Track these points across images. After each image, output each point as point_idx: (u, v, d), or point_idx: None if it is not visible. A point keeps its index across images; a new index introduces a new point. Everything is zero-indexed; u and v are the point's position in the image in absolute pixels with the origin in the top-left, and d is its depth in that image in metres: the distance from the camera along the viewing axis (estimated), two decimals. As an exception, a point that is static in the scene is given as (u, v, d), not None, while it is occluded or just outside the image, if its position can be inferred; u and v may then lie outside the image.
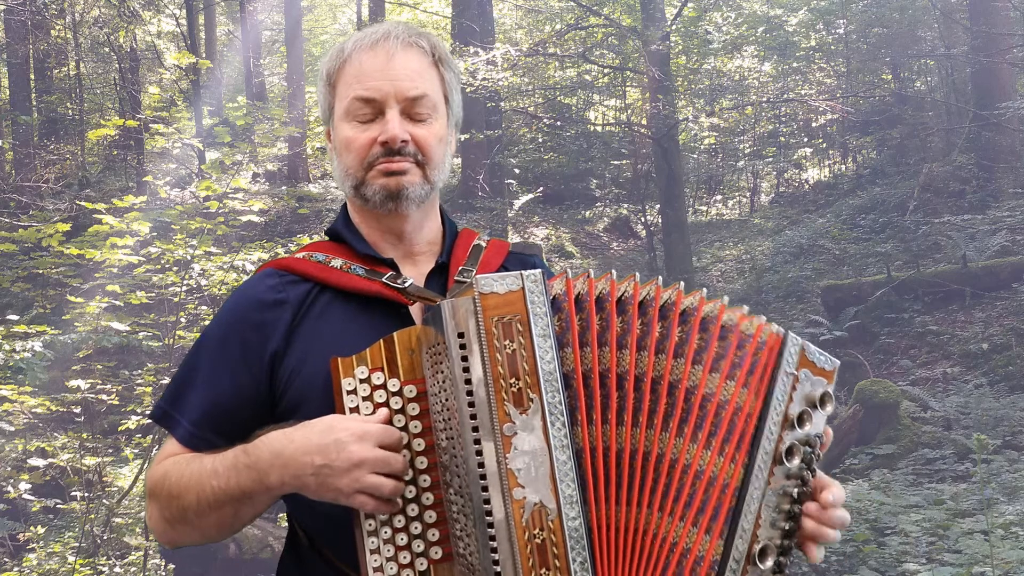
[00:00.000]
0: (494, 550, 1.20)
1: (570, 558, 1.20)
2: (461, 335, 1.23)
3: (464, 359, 1.23)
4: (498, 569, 1.20)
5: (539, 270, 1.26)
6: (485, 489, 1.20)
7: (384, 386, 1.33)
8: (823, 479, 1.37)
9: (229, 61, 17.98)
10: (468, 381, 1.22)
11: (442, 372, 1.28)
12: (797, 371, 1.35)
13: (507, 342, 1.22)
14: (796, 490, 1.32)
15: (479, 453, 1.21)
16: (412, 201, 1.50)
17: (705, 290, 1.37)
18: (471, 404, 1.22)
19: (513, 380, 1.21)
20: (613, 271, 1.32)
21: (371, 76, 1.48)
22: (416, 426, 1.33)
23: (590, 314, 1.29)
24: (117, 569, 5.73)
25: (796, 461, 1.32)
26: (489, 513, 1.20)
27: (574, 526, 1.20)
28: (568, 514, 1.20)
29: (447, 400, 1.28)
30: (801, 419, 1.34)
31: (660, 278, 1.34)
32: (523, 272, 1.24)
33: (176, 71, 14.90)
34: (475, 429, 1.21)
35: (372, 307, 1.47)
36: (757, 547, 1.29)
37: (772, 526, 1.31)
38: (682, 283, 1.36)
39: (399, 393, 1.33)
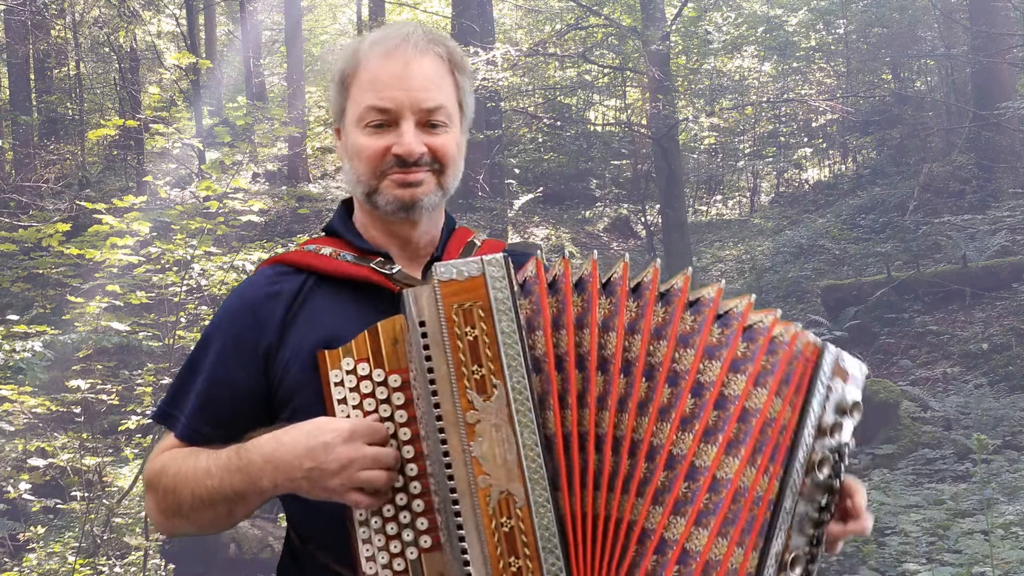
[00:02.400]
0: (462, 539, 1.20)
1: (540, 546, 1.19)
2: (422, 323, 1.23)
3: (425, 347, 1.22)
4: (467, 558, 1.20)
5: (501, 254, 1.24)
6: (451, 478, 1.20)
7: (369, 377, 1.33)
8: (848, 484, 1.38)
9: (229, 61, 17.97)
10: (430, 370, 1.22)
11: (414, 361, 1.28)
12: (831, 381, 1.34)
13: (468, 328, 1.21)
14: (824, 499, 1.32)
15: (443, 442, 1.21)
16: (425, 210, 1.50)
17: (723, 282, 1.35)
18: (434, 393, 1.21)
19: (475, 367, 1.20)
20: (595, 252, 1.31)
21: (387, 85, 1.45)
22: (401, 415, 1.33)
23: (566, 297, 1.27)
24: (117, 569, 5.73)
25: (826, 471, 1.33)
26: (455, 502, 1.20)
27: (543, 514, 1.19)
28: (536, 501, 1.19)
29: (419, 389, 1.28)
30: (833, 429, 1.34)
31: (659, 260, 1.33)
32: (484, 257, 1.23)
33: (176, 71, 14.90)
34: (438, 418, 1.21)
35: (365, 297, 1.47)
36: (789, 556, 1.29)
37: (800, 533, 1.31)
38: (689, 269, 1.33)
39: (384, 383, 1.33)
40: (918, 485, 7.10)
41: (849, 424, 1.35)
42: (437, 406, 1.21)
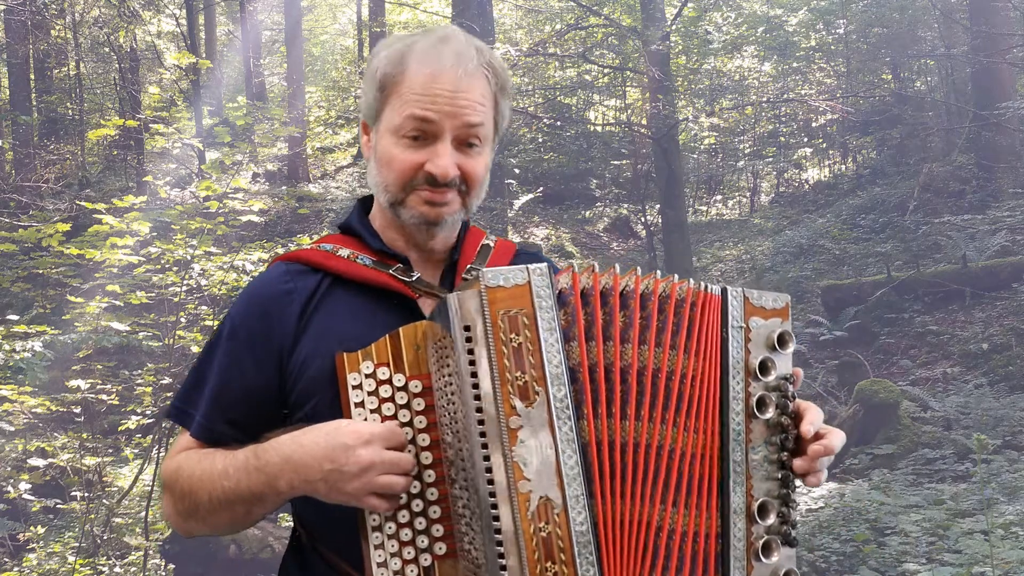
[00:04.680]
0: (499, 543, 1.20)
1: (576, 552, 1.20)
2: (467, 328, 1.23)
3: (470, 352, 1.22)
4: (503, 563, 1.20)
5: (545, 264, 1.25)
6: (491, 483, 1.20)
7: (389, 381, 1.33)
8: (801, 410, 1.36)
9: (229, 61, 17.98)
10: (474, 375, 1.22)
11: (448, 367, 1.28)
12: (746, 322, 1.33)
13: (513, 335, 1.21)
14: (778, 438, 1.32)
15: (484, 447, 1.21)
16: (447, 227, 1.50)
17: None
18: (477, 398, 1.22)
19: (519, 374, 1.21)
20: (616, 266, 1.32)
21: (432, 99, 1.42)
22: (421, 421, 1.33)
23: (595, 308, 1.28)
24: (117, 569, 5.73)
25: (770, 411, 1.32)
26: (494, 507, 1.20)
27: (580, 520, 1.20)
28: (574, 508, 1.20)
29: (453, 395, 1.28)
30: (764, 368, 1.33)
31: (658, 271, 1.34)
32: (529, 266, 1.24)
33: (176, 71, 14.91)
34: (480, 423, 1.21)
35: (382, 301, 1.47)
36: (755, 505, 1.30)
37: (767, 479, 1.31)
38: (676, 276, 1.34)
39: (404, 388, 1.34)
40: (918, 485, 7.10)
41: (782, 357, 1.34)
42: (480, 410, 1.21)
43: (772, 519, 1.31)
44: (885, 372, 9.73)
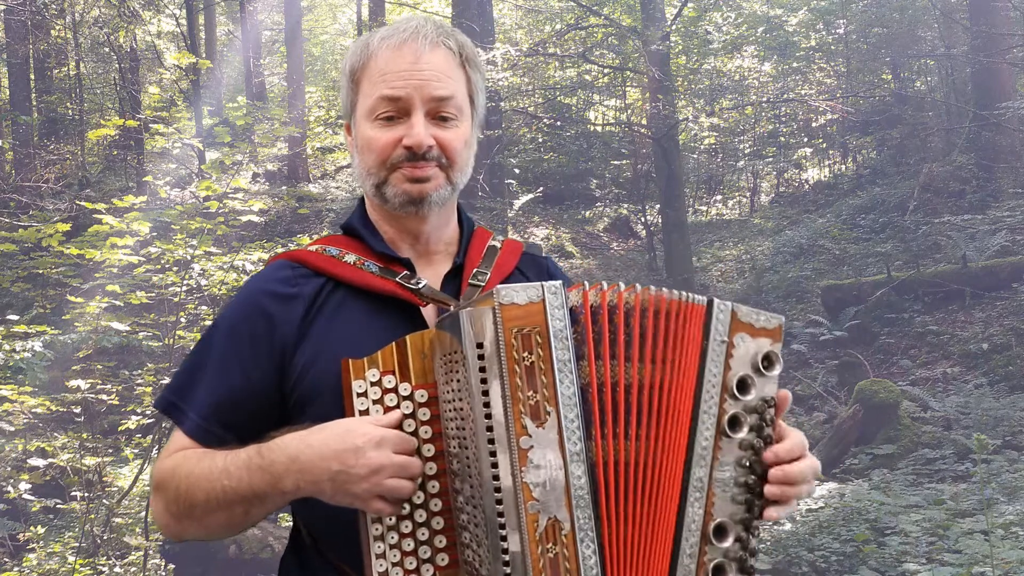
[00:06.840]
0: (507, 563, 1.18)
1: (583, 574, 1.18)
2: (480, 345, 1.21)
3: (482, 370, 1.20)
4: None
5: (559, 281, 1.24)
6: (500, 502, 1.19)
7: (395, 390, 1.32)
8: (781, 434, 1.31)
9: (229, 61, 17.99)
10: (485, 393, 1.20)
11: (457, 380, 1.27)
12: (731, 337, 1.28)
13: (526, 354, 1.20)
14: (749, 460, 1.27)
15: (495, 466, 1.19)
16: (434, 205, 1.49)
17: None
18: (488, 416, 1.20)
19: (531, 393, 1.19)
20: (621, 283, 1.29)
21: (398, 75, 1.45)
22: (426, 431, 1.32)
23: (603, 326, 1.26)
24: (117, 569, 5.73)
25: (743, 431, 1.27)
26: (503, 526, 1.18)
27: (587, 541, 1.19)
28: (582, 529, 1.19)
29: (461, 408, 1.26)
30: (743, 386, 1.28)
31: (637, 285, 1.30)
32: (544, 283, 1.22)
33: (176, 71, 14.91)
34: (491, 441, 1.20)
35: (386, 307, 1.46)
36: (712, 524, 1.26)
37: (732, 501, 1.27)
38: (664, 288, 1.31)
39: (410, 397, 1.33)
40: (918, 485, 7.10)
41: (766, 379, 1.29)
42: (490, 429, 1.20)
43: (729, 542, 1.26)
44: (885, 372, 9.73)
